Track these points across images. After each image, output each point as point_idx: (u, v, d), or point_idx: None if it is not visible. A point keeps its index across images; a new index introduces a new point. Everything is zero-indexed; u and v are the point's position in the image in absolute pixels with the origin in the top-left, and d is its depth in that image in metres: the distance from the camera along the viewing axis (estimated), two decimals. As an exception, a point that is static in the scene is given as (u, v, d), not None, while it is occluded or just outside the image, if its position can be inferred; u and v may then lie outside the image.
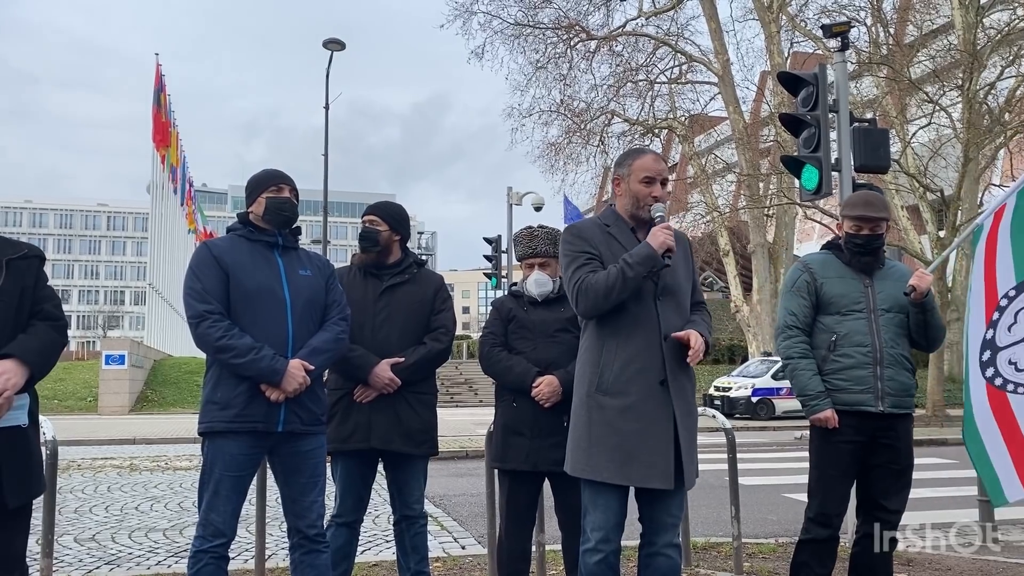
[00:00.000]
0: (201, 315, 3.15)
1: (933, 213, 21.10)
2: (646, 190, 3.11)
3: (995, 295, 4.30)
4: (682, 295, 3.15)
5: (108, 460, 11.94)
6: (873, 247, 3.80)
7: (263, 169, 3.46)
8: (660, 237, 2.96)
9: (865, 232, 3.79)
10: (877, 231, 3.80)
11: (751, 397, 21.42)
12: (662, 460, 2.96)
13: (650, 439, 2.97)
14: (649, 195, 3.11)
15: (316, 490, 3.31)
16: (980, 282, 4.34)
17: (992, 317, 4.18)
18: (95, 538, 6.29)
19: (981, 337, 4.13)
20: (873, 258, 3.82)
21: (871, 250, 3.80)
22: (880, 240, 3.82)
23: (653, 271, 2.99)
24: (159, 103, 30.90)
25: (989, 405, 4.18)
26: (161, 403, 25.15)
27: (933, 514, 7.05)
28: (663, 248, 2.96)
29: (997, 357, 4.19)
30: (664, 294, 3.07)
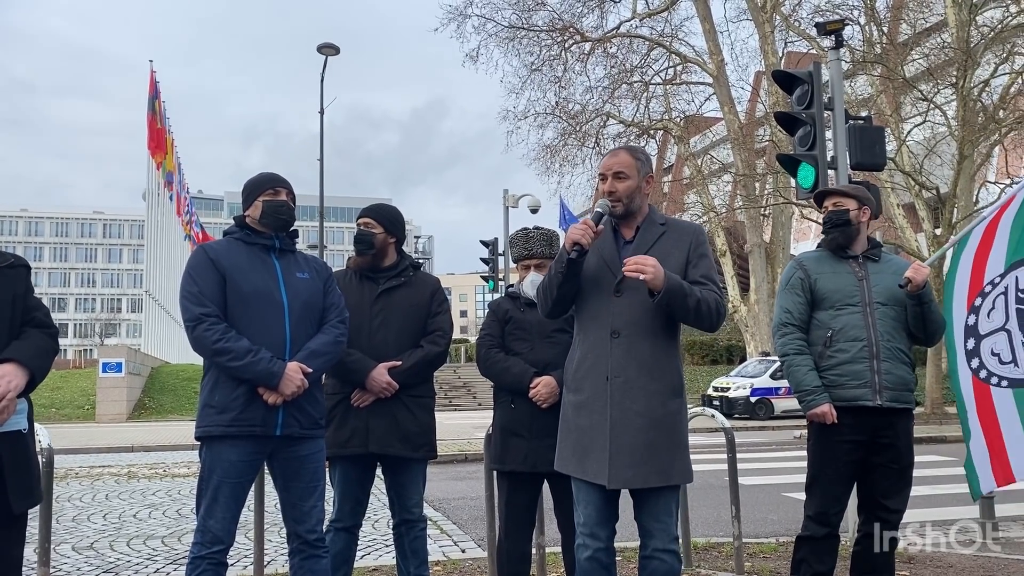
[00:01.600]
0: (198, 318, 3.14)
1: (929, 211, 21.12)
2: (602, 186, 3.16)
3: (980, 281, 4.34)
4: None
5: (106, 468, 11.90)
6: (836, 221, 3.85)
7: (260, 172, 3.45)
8: (570, 232, 2.98)
9: (829, 209, 3.88)
10: (840, 206, 3.86)
11: (750, 397, 21.41)
12: (604, 458, 2.95)
13: (598, 436, 2.99)
14: (603, 190, 3.14)
15: (315, 495, 3.29)
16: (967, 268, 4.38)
17: (974, 303, 4.23)
18: (93, 546, 6.26)
19: (963, 323, 4.17)
20: (840, 233, 3.85)
21: (835, 224, 3.85)
22: (844, 215, 3.85)
23: (565, 266, 2.99)
24: (154, 110, 30.88)
25: (974, 397, 4.23)
26: (159, 410, 25.09)
27: (934, 512, 7.05)
28: (570, 242, 2.96)
29: (980, 346, 4.23)
30: (626, 289, 3.03)
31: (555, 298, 3.09)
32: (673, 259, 3.08)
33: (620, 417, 2.97)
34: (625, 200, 3.11)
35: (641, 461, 2.96)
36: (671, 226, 3.20)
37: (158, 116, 31.30)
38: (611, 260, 3.09)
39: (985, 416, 4.30)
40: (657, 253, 3.06)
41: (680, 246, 3.13)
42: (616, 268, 3.06)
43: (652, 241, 3.12)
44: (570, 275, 3.03)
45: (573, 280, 3.06)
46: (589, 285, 3.10)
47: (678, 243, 3.13)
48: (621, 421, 2.97)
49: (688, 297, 2.95)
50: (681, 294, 2.94)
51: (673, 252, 3.10)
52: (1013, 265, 4.44)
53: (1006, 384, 4.21)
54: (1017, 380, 4.17)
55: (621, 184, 3.11)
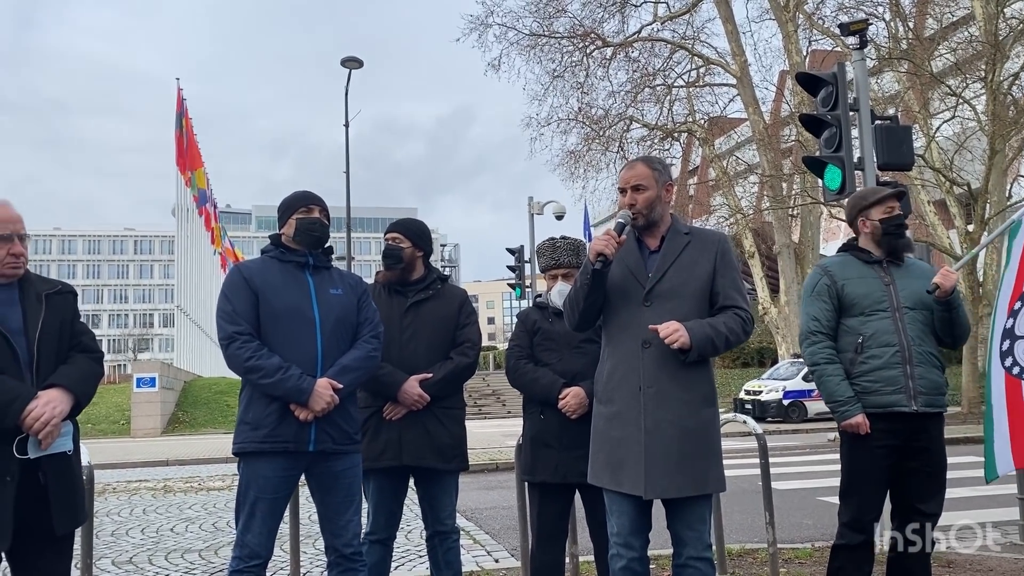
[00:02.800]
0: (231, 336, 3.21)
1: (960, 207, 20.82)
2: (622, 200, 3.17)
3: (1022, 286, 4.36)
4: (686, 299, 3.05)
5: (142, 482, 12.07)
6: (903, 225, 3.83)
7: (294, 191, 3.50)
8: (593, 244, 3.00)
9: (897, 211, 3.81)
10: (895, 210, 3.82)
11: (782, 400, 21.21)
12: (638, 469, 2.96)
13: (632, 447, 2.99)
14: (623, 203, 3.16)
15: (351, 509, 3.33)
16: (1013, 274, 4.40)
17: (1014, 307, 4.25)
18: (132, 560, 6.35)
19: (1003, 326, 4.18)
20: (906, 239, 3.84)
21: (903, 229, 3.83)
22: (903, 219, 3.84)
23: (590, 277, 3.01)
24: (181, 127, 31.33)
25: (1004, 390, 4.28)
26: (192, 424, 25.38)
27: (973, 514, 6.94)
28: (593, 253, 2.98)
29: (1015, 347, 4.25)
30: (655, 299, 3.04)
31: (582, 309, 3.10)
32: (700, 268, 3.10)
33: (654, 428, 2.98)
34: (645, 211, 3.13)
35: (676, 471, 2.96)
36: (695, 235, 3.20)
37: (185, 133, 31.74)
38: (637, 271, 3.10)
39: (1014, 405, 4.40)
40: (683, 263, 3.08)
41: (706, 255, 3.13)
42: (643, 278, 3.07)
43: (678, 251, 3.12)
44: (595, 286, 3.04)
45: (599, 291, 3.06)
46: (617, 296, 3.11)
47: (704, 252, 3.14)
48: (655, 431, 2.97)
49: (715, 340, 2.99)
50: (710, 344, 2.98)
51: (700, 261, 3.11)
52: None
53: None
54: None
55: (640, 196, 3.12)
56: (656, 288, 3.05)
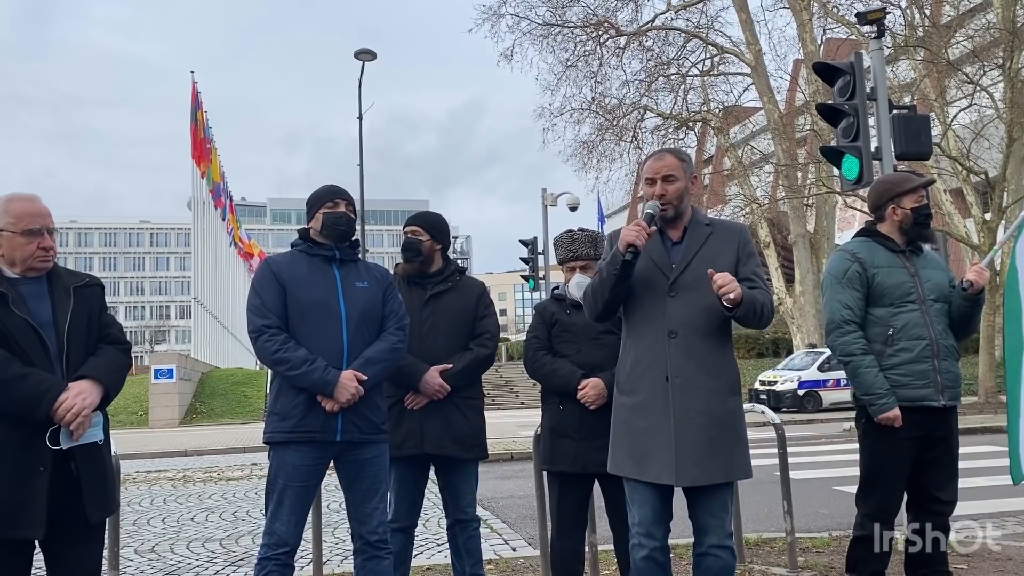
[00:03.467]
0: (260, 329, 3.28)
1: (978, 196, 20.65)
2: (649, 191, 3.17)
3: None
4: (710, 289, 3.03)
5: (162, 473, 12.20)
6: (930, 216, 3.82)
7: (322, 185, 3.55)
8: (624, 234, 3.00)
9: (926, 200, 3.78)
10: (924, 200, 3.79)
11: (797, 390, 21.15)
12: (668, 457, 2.98)
13: (659, 436, 3.01)
14: (651, 194, 3.15)
15: (377, 497, 3.38)
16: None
17: None
18: (155, 549, 6.44)
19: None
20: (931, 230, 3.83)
21: (930, 219, 3.81)
22: (929, 208, 3.82)
23: (619, 268, 3.01)
24: (196, 120, 31.47)
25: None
26: (210, 415, 25.59)
27: (992, 503, 6.92)
28: (624, 244, 2.98)
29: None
30: (679, 290, 3.07)
31: (607, 300, 3.11)
32: (723, 258, 3.12)
33: (683, 416, 3.00)
34: (675, 202, 3.14)
35: (705, 459, 3.00)
36: (716, 226, 3.22)
37: (200, 126, 31.88)
38: (661, 262, 3.11)
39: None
40: (707, 253, 3.10)
41: (729, 246, 3.16)
42: (667, 269, 3.09)
43: (701, 242, 3.14)
44: (623, 277, 3.05)
45: (625, 282, 3.08)
46: (640, 287, 3.12)
47: (726, 243, 3.16)
48: (684, 420, 3.00)
49: (755, 305, 3.02)
50: (751, 305, 3.00)
51: (723, 251, 3.14)
52: None
53: None
54: None
55: (671, 187, 3.13)
56: (681, 279, 3.07)
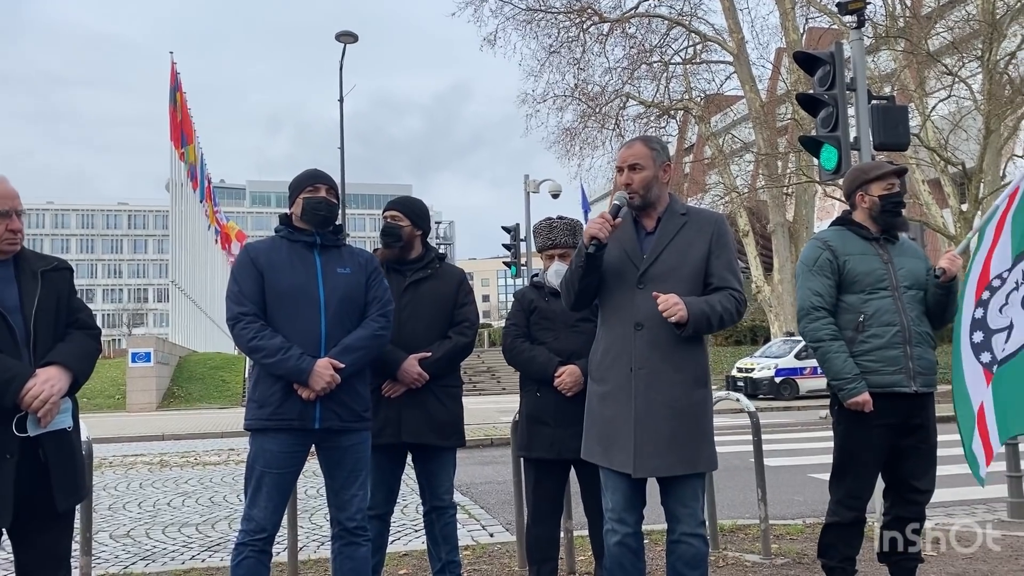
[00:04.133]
0: (236, 317, 3.25)
1: (955, 187, 20.87)
2: (618, 179, 3.18)
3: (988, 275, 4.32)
4: (680, 281, 3.05)
5: (138, 457, 12.13)
6: (902, 203, 3.83)
7: (304, 170, 3.50)
8: (588, 227, 3.01)
9: (897, 188, 3.79)
10: (895, 187, 3.79)
11: (774, 377, 21.33)
12: (628, 447, 3.00)
13: (623, 426, 3.03)
14: (620, 182, 3.15)
15: (356, 484, 3.36)
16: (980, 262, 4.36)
17: (982, 296, 4.17)
18: (130, 534, 6.41)
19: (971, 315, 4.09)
20: (903, 218, 3.84)
21: (901, 207, 3.82)
22: (901, 196, 3.83)
23: (584, 260, 3.02)
24: (175, 102, 31.10)
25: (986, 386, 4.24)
26: (188, 399, 25.45)
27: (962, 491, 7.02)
28: (587, 237, 2.98)
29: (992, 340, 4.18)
30: (648, 281, 3.05)
31: (577, 291, 3.13)
32: (695, 250, 3.10)
33: (645, 408, 3.01)
34: (642, 191, 3.12)
35: (667, 451, 3.00)
36: (692, 215, 3.19)
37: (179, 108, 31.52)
38: (633, 252, 3.11)
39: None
40: (679, 244, 3.09)
41: (702, 236, 3.13)
42: (638, 260, 3.08)
43: (674, 232, 3.12)
44: (590, 269, 3.05)
45: (593, 273, 3.08)
46: (612, 278, 3.12)
47: (700, 233, 3.13)
48: (646, 412, 3.01)
49: (711, 318, 3.00)
50: (705, 320, 2.98)
51: (695, 242, 3.11)
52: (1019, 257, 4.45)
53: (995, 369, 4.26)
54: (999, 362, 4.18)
55: (637, 175, 3.12)
56: (650, 270, 3.06)
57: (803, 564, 4.70)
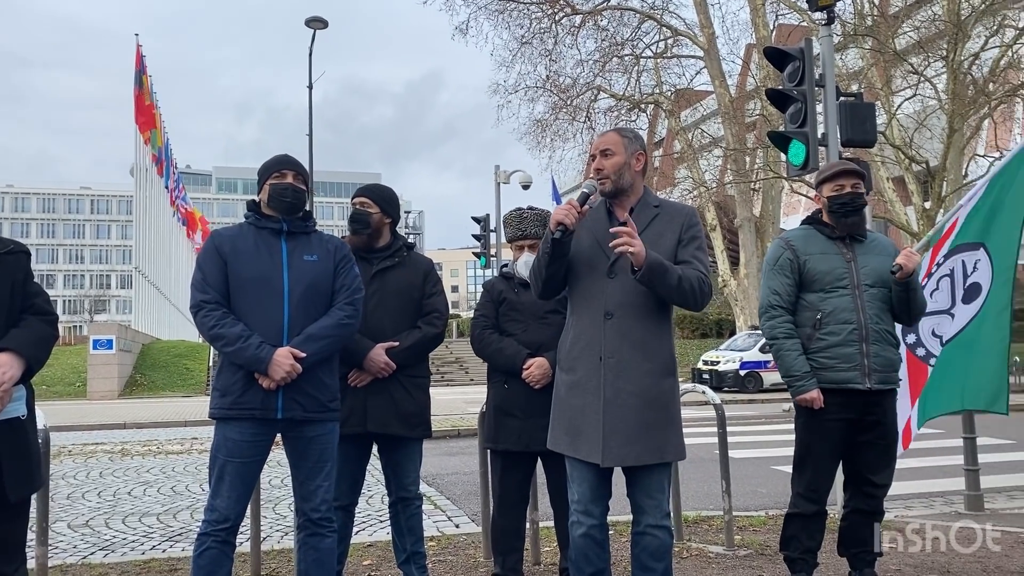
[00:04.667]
0: (199, 304, 3.21)
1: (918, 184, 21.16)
2: (591, 166, 3.19)
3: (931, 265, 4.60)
4: None
5: (99, 445, 11.94)
6: (858, 205, 3.82)
7: (273, 156, 3.44)
8: (555, 213, 3.00)
9: (848, 190, 3.81)
10: (858, 189, 3.82)
11: (739, 370, 21.59)
12: (596, 437, 3.00)
13: (591, 415, 3.02)
14: (592, 169, 3.16)
15: (322, 475, 3.32)
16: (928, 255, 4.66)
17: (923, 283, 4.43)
18: (89, 524, 6.30)
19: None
20: (859, 218, 3.82)
21: (856, 209, 3.81)
22: (863, 198, 3.83)
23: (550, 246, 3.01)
24: (140, 85, 30.57)
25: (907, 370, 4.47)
26: (150, 387, 25.10)
27: (920, 484, 7.16)
28: (554, 223, 2.97)
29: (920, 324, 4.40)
30: (620, 271, 3.05)
31: (544, 279, 3.11)
32: (665, 240, 3.11)
33: (614, 397, 3.01)
34: (613, 176, 3.12)
35: (635, 439, 3.00)
36: (665, 208, 3.21)
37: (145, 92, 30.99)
38: (604, 242, 3.09)
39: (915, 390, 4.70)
40: (650, 235, 3.08)
41: (672, 227, 3.14)
42: (608, 250, 3.07)
43: (646, 223, 3.12)
44: (556, 255, 3.04)
45: (560, 261, 3.06)
46: (582, 266, 3.11)
47: (671, 224, 3.15)
48: (615, 401, 3.01)
49: (668, 273, 2.96)
50: (662, 270, 2.94)
51: (665, 233, 3.12)
52: (958, 248, 4.72)
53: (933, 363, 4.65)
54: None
55: (608, 161, 3.12)
56: (621, 260, 3.04)
57: (765, 556, 4.76)
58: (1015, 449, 9.63)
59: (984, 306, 4.77)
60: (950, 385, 4.89)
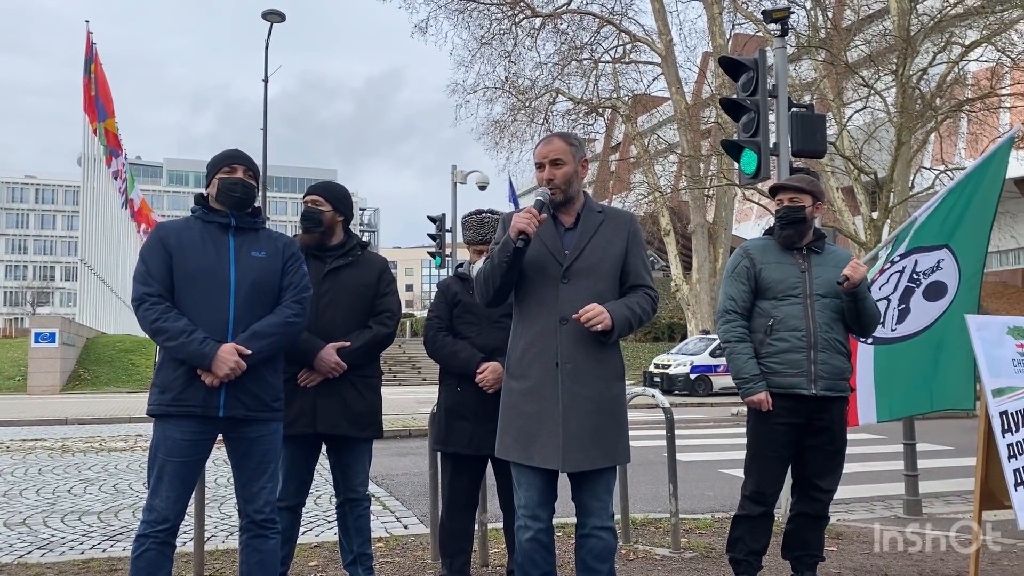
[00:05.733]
0: (141, 298, 3.14)
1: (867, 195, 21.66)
2: (538, 175, 3.18)
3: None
4: (601, 277, 3.10)
5: (39, 441, 11.63)
6: (792, 218, 3.89)
7: (223, 150, 3.39)
8: (515, 221, 2.99)
9: (785, 204, 3.91)
10: (797, 202, 3.90)
11: (690, 374, 21.82)
12: (555, 443, 3.00)
13: (547, 422, 3.02)
14: (541, 179, 3.16)
15: (265, 476, 3.28)
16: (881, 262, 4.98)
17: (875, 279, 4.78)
18: (26, 522, 6.13)
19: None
20: (794, 231, 3.90)
21: (791, 221, 3.89)
22: (800, 212, 3.89)
23: (510, 255, 2.99)
24: (90, 73, 29.85)
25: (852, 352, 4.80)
26: (94, 382, 24.54)
27: (863, 488, 7.32)
28: (515, 231, 2.97)
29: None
30: (572, 276, 3.08)
31: (498, 287, 3.09)
32: (614, 247, 3.16)
33: (570, 402, 3.02)
34: (563, 186, 3.14)
35: (591, 444, 3.03)
36: (608, 214, 3.25)
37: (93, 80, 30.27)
38: (554, 247, 3.11)
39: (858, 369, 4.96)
40: (599, 241, 3.13)
41: (619, 234, 3.19)
42: (560, 256, 3.09)
43: (594, 229, 3.16)
44: (514, 264, 3.04)
45: (516, 269, 3.07)
46: (533, 273, 3.11)
47: (617, 231, 3.19)
48: (571, 406, 3.02)
49: (632, 321, 3.06)
50: (627, 324, 3.05)
51: (614, 240, 3.17)
52: (915, 249, 5.01)
53: (870, 342, 4.97)
54: (880, 339, 4.97)
55: (559, 171, 3.13)
56: (574, 266, 3.08)
57: (711, 558, 4.82)
58: (953, 455, 9.90)
59: (951, 306, 5.00)
60: (919, 386, 5.13)
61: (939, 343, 5.06)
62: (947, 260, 5.06)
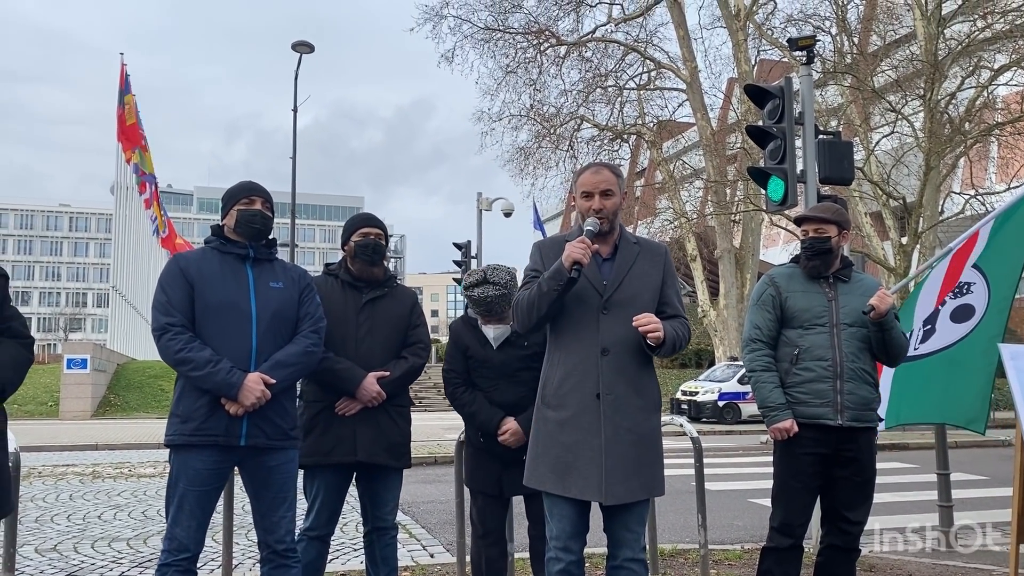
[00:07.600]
0: (164, 327, 3.17)
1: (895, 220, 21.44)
2: (586, 204, 3.16)
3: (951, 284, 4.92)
4: (640, 308, 3.10)
5: (70, 467, 11.75)
6: (818, 249, 3.87)
7: (239, 181, 3.45)
8: (570, 251, 2.98)
9: (810, 235, 3.89)
10: (822, 233, 3.88)
11: (718, 401, 21.62)
12: (595, 474, 2.99)
13: (586, 452, 3.00)
14: (588, 208, 3.15)
15: (285, 505, 3.30)
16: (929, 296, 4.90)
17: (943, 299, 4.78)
18: (57, 548, 6.19)
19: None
20: (820, 262, 3.87)
21: (817, 252, 3.87)
22: (826, 243, 3.87)
23: (563, 284, 2.98)
24: (123, 104, 30.45)
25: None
26: (124, 408, 24.79)
27: (895, 519, 7.18)
28: (570, 261, 2.96)
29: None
30: (612, 307, 3.08)
31: (543, 315, 3.06)
32: (651, 278, 3.18)
33: (612, 434, 3.01)
34: (611, 217, 3.16)
35: (632, 475, 3.02)
36: (643, 245, 3.27)
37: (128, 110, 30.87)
38: (594, 278, 3.11)
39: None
40: (637, 272, 3.15)
41: (656, 266, 3.22)
42: (600, 286, 3.10)
43: (631, 260, 3.18)
44: (564, 293, 3.03)
45: (563, 298, 3.05)
46: (573, 303, 3.10)
47: (653, 262, 3.22)
48: (613, 438, 3.01)
49: (675, 342, 3.07)
50: (671, 344, 3.06)
51: (650, 272, 3.19)
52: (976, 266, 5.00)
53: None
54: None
55: (608, 201, 3.15)
56: (614, 296, 3.09)
57: (741, 590, 4.75)
58: (989, 485, 9.70)
59: (976, 329, 4.95)
60: (930, 397, 5.08)
61: (954, 360, 5.04)
62: (979, 284, 5.01)
